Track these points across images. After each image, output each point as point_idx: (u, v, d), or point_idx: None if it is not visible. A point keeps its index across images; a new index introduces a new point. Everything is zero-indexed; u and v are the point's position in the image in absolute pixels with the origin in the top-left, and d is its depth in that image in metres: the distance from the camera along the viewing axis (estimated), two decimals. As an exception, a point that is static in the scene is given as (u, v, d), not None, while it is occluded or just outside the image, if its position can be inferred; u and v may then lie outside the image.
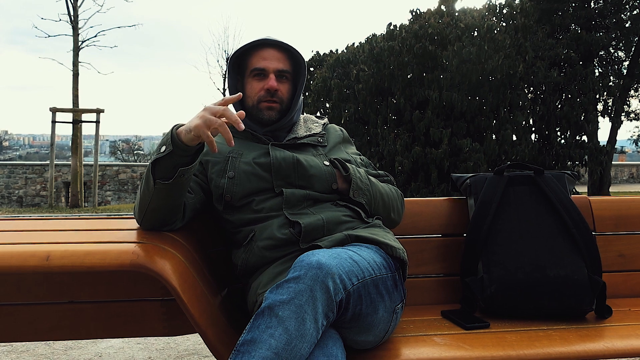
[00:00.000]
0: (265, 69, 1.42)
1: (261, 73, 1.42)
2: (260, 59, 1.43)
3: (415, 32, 7.69)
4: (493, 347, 1.26)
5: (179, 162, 1.18)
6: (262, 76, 1.43)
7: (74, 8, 11.87)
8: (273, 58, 1.43)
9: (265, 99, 1.42)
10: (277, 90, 1.42)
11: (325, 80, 8.61)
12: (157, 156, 1.18)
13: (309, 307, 0.95)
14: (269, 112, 1.43)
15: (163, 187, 1.19)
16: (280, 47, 1.44)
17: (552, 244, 1.50)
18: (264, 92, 1.42)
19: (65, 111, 11.55)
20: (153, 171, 1.19)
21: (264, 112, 1.43)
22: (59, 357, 2.25)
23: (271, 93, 1.41)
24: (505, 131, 7.40)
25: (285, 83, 1.45)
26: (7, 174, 15.26)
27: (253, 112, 1.45)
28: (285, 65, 1.44)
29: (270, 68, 1.42)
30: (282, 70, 1.43)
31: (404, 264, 1.31)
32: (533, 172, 1.62)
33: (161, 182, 1.18)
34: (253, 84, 1.44)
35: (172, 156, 1.16)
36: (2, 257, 1.10)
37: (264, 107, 1.43)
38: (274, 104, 1.43)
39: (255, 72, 1.43)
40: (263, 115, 1.43)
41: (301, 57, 1.47)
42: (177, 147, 1.15)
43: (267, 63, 1.42)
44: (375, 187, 1.43)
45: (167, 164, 1.18)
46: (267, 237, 1.30)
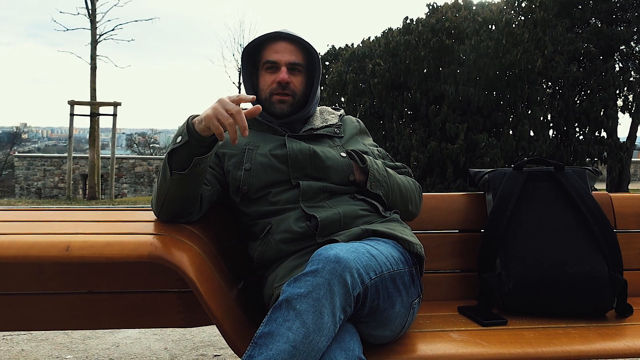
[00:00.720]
0: (277, 62, 1.42)
1: (273, 66, 1.42)
2: (272, 52, 1.43)
3: (432, 26, 7.62)
4: (511, 344, 1.25)
5: (195, 152, 1.18)
6: (274, 69, 1.43)
7: (92, 2, 11.97)
8: (285, 51, 1.43)
9: (277, 91, 1.42)
10: (289, 83, 1.42)
11: (341, 74, 8.58)
12: (173, 146, 1.18)
13: (326, 300, 0.95)
14: (280, 105, 1.43)
15: (179, 178, 1.19)
16: (293, 40, 1.44)
17: (573, 240, 1.48)
18: (275, 84, 1.42)
19: (83, 104, 11.68)
20: (170, 162, 1.19)
21: (275, 105, 1.43)
22: (77, 346, 2.29)
23: (282, 86, 1.41)
24: (523, 127, 7.32)
25: (297, 75, 1.44)
26: (26, 166, 15.51)
27: (266, 105, 1.45)
28: (298, 58, 1.44)
29: (282, 61, 1.42)
30: (294, 63, 1.43)
31: (421, 259, 1.30)
32: (553, 167, 1.59)
33: (177, 172, 1.19)
34: (265, 77, 1.44)
35: (187, 146, 1.17)
36: (22, 247, 1.12)
37: (275, 100, 1.43)
38: (286, 96, 1.43)
39: (267, 64, 1.43)
40: (275, 108, 1.43)
41: (314, 50, 1.46)
42: (192, 137, 1.16)
43: (279, 56, 1.42)
44: (392, 179, 1.42)
45: (183, 154, 1.18)
46: (284, 230, 1.29)
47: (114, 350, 2.25)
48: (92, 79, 11.98)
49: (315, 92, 1.49)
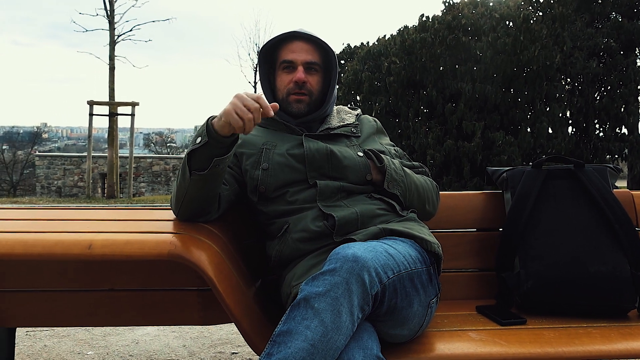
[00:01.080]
0: (294, 61, 1.43)
1: (290, 65, 1.43)
2: (289, 52, 1.44)
3: (449, 23, 7.56)
4: (530, 343, 1.24)
5: (214, 153, 1.19)
6: (290, 69, 1.44)
7: (111, 3, 12.13)
8: (302, 50, 1.43)
9: (294, 91, 1.43)
10: (306, 83, 1.42)
11: (356, 72, 8.56)
12: (192, 147, 1.20)
13: (344, 299, 0.96)
14: (297, 105, 1.44)
15: (199, 178, 1.20)
16: (309, 39, 1.45)
17: (593, 239, 1.46)
18: (292, 84, 1.43)
19: (101, 104, 11.85)
20: (189, 162, 1.21)
21: (292, 104, 1.44)
22: (97, 343, 2.32)
23: (299, 85, 1.42)
24: (541, 124, 7.22)
25: (314, 75, 1.45)
26: (46, 165, 15.77)
27: (283, 105, 1.46)
28: (314, 57, 1.44)
29: (299, 60, 1.43)
30: (310, 62, 1.43)
31: (438, 258, 1.29)
32: (573, 165, 1.57)
33: (197, 172, 1.20)
34: (282, 77, 1.45)
35: (207, 147, 1.18)
36: (47, 245, 1.14)
37: (292, 100, 1.44)
38: (303, 96, 1.43)
39: (284, 64, 1.44)
40: (292, 107, 1.44)
41: (330, 49, 1.46)
42: (212, 138, 1.17)
43: (296, 55, 1.43)
44: (410, 179, 1.41)
45: (203, 155, 1.19)
46: (301, 229, 1.30)
47: (134, 347, 2.29)
48: (110, 79, 12.15)
49: (332, 92, 1.49)
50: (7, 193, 21.46)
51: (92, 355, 2.18)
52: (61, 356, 2.17)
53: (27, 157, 24.61)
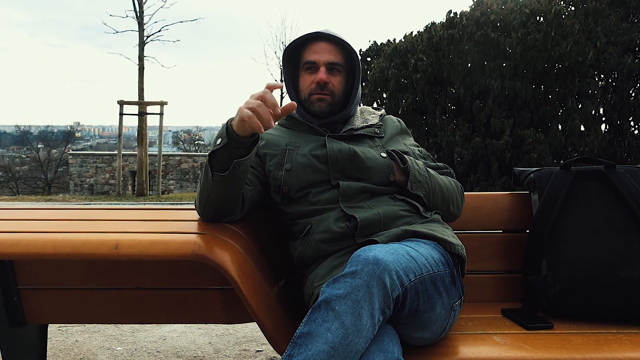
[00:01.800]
0: (316, 62, 1.43)
1: (312, 66, 1.44)
2: (311, 53, 1.44)
3: (477, 19, 7.44)
4: (557, 349, 1.21)
5: (235, 154, 1.19)
6: (313, 69, 1.44)
7: (140, 4, 12.36)
8: (324, 51, 1.44)
9: (316, 91, 1.43)
10: (328, 83, 1.43)
11: (383, 70, 8.50)
12: (213, 148, 1.21)
13: (365, 302, 0.95)
14: (319, 104, 1.44)
15: (221, 179, 1.21)
16: (332, 40, 1.45)
17: (624, 242, 1.41)
18: (314, 85, 1.43)
19: (131, 104, 12.09)
20: (210, 163, 1.22)
21: (315, 104, 1.44)
22: (126, 339, 2.38)
23: (321, 86, 1.42)
24: (573, 121, 7.04)
25: (337, 75, 1.45)
26: (79, 164, 16.21)
27: (306, 105, 1.47)
28: (337, 58, 1.44)
29: (321, 61, 1.43)
30: (333, 63, 1.43)
31: (462, 260, 1.28)
32: (603, 166, 1.53)
33: (218, 174, 1.21)
34: (305, 77, 1.46)
35: (227, 148, 1.18)
36: (75, 245, 1.17)
37: (314, 100, 1.44)
38: (325, 96, 1.44)
39: (307, 65, 1.45)
40: (314, 107, 1.45)
41: (353, 50, 1.46)
42: (231, 139, 1.17)
43: (318, 56, 1.43)
44: (434, 180, 1.40)
45: (224, 156, 1.20)
46: (323, 230, 1.30)
47: (161, 343, 2.33)
48: (140, 79, 12.39)
49: (356, 93, 1.49)
50: (42, 191, 22.14)
51: (121, 351, 2.23)
52: (91, 351, 2.22)
53: (61, 155, 25.33)
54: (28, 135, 30.95)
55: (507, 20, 7.34)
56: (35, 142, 29.78)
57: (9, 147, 41.43)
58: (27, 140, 29.56)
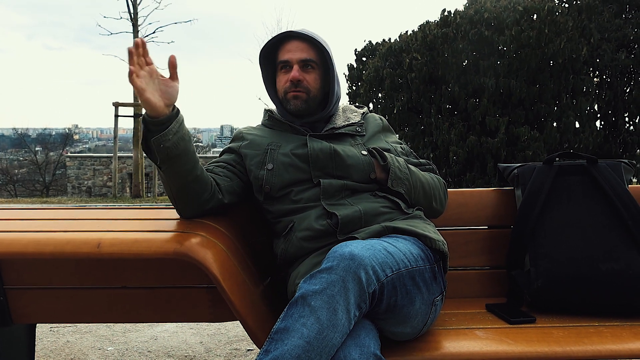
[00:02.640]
0: (289, 60, 1.45)
1: (286, 65, 1.46)
2: (285, 52, 1.46)
3: (471, 18, 7.46)
4: (538, 342, 1.22)
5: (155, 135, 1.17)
6: (287, 68, 1.46)
7: (134, 6, 12.36)
8: (296, 49, 1.45)
9: (290, 89, 1.45)
10: (301, 80, 1.44)
11: (378, 69, 8.51)
12: (141, 140, 1.21)
13: (340, 297, 0.96)
14: (294, 102, 1.45)
15: (165, 168, 1.22)
16: (303, 38, 1.46)
17: (606, 236, 1.43)
18: (288, 83, 1.45)
19: (127, 105, 12.08)
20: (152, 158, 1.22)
21: (290, 102, 1.46)
22: (118, 339, 2.38)
23: (294, 83, 1.44)
24: (568, 118, 7.06)
25: (311, 72, 1.46)
26: (77, 166, 16.19)
27: (283, 104, 1.48)
28: (310, 55, 1.45)
29: (294, 59, 1.45)
30: (305, 60, 1.45)
31: (444, 256, 1.29)
32: (585, 161, 1.54)
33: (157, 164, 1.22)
34: (280, 77, 1.48)
35: (149, 134, 1.18)
36: (58, 244, 1.18)
37: (290, 97, 1.46)
38: (300, 93, 1.45)
39: (281, 64, 1.47)
40: (290, 105, 1.46)
41: (324, 47, 1.46)
42: (145, 122, 1.18)
43: (291, 54, 1.45)
44: (415, 176, 1.41)
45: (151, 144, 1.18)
46: (305, 228, 1.31)
47: (152, 343, 2.34)
48: (135, 81, 12.35)
49: (334, 90, 1.49)
50: (40, 193, 22.12)
51: (112, 351, 2.24)
52: (82, 351, 2.23)
53: (58, 158, 25.30)
54: (26, 138, 30.93)
55: (501, 18, 7.35)
56: (33, 145, 29.75)
57: (7, 150, 41.39)
58: (25, 142, 29.54)
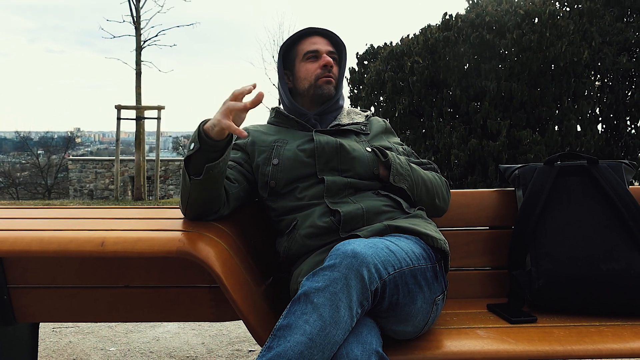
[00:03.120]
0: (318, 50, 1.52)
1: (314, 55, 1.51)
2: (310, 44, 1.53)
3: (472, 21, 7.47)
4: (539, 341, 1.23)
5: (209, 158, 1.20)
6: (314, 58, 1.52)
7: (137, 9, 12.39)
8: (322, 43, 1.54)
9: (323, 74, 1.50)
10: (332, 67, 1.51)
11: (379, 73, 8.53)
12: (187, 153, 1.22)
13: (343, 294, 0.97)
14: (328, 87, 1.51)
15: (197, 183, 1.23)
16: (325, 34, 1.55)
17: (607, 237, 1.43)
18: (320, 69, 1.50)
19: (129, 108, 12.10)
20: (187, 168, 1.23)
21: (323, 87, 1.50)
22: (120, 339, 2.39)
23: (328, 69, 1.50)
24: (569, 122, 7.06)
25: (335, 65, 1.54)
26: (79, 169, 16.22)
27: (310, 92, 1.51)
28: (333, 49, 1.55)
29: (323, 50, 1.52)
30: (332, 52, 1.54)
31: (445, 255, 1.29)
32: (586, 161, 1.54)
33: (195, 178, 1.22)
34: (307, 66, 1.52)
35: (201, 152, 1.20)
36: (62, 243, 1.19)
37: (322, 82, 1.50)
38: (331, 78, 1.51)
39: (308, 54, 1.52)
40: (323, 90, 1.50)
41: (342, 42, 1.57)
42: (204, 144, 1.19)
43: (318, 46, 1.52)
44: (416, 173, 1.43)
45: (198, 161, 1.21)
46: (308, 226, 1.32)
47: (154, 343, 2.34)
48: (137, 84, 12.40)
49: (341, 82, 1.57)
50: (42, 196, 22.16)
51: (114, 352, 2.25)
52: (85, 352, 2.24)
53: (60, 161, 25.36)
54: (28, 141, 30.99)
55: (502, 21, 7.37)
56: (35, 148, 29.82)
57: (9, 153, 41.48)
58: (27, 146, 29.61)
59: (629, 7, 8.15)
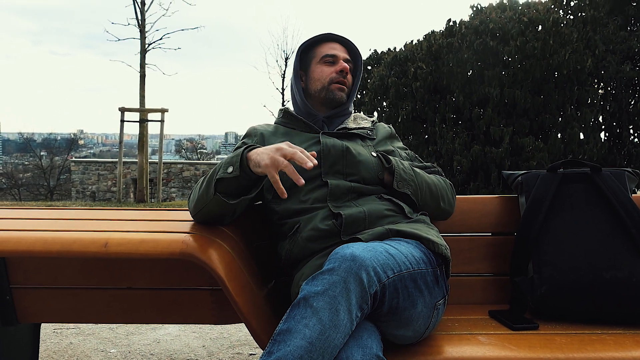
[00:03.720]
0: (337, 56, 1.55)
1: (332, 59, 1.54)
2: (329, 48, 1.56)
3: (476, 28, 7.50)
4: (540, 348, 1.22)
5: (242, 184, 1.23)
6: (331, 63, 1.54)
7: (142, 13, 12.44)
8: (340, 50, 1.57)
9: (337, 79, 1.53)
10: (348, 74, 1.54)
11: (383, 78, 8.55)
12: (223, 175, 1.21)
13: (342, 298, 0.97)
14: (340, 93, 1.53)
15: (222, 201, 1.23)
16: (344, 43, 1.59)
17: (609, 244, 1.43)
18: (336, 74, 1.53)
19: (132, 111, 12.14)
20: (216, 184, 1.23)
21: (335, 92, 1.53)
22: (120, 341, 2.39)
23: (344, 74, 1.53)
24: (572, 129, 7.06)
25: (349, 74, 1.57)
26: (81, 171, 16.26)
27: (322, 95, 1.54)
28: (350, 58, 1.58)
29: (341, 56, 1.55)
30: (349, 61, 1.57)
31: (446, 260, 1.29)
32: (589, 169, 1.54)
33: (221, 196, 1.22)
34: (324, 69, 1.54)
35: (237, 179, 1.21)
36: (66, 243, 1.19)
37: (335, 88, 1.53)
38: (345, 86, 1.54)
39: (326, 57, 1.54)
40: (334, 95, 1.53)
41: (359, 53, 1.60)
42: (244, 172, 1.20)
43: (338, 52, 1.56)
44: (420, 177, 1.43)
45: (231, 184, 1.22)
46: (311, 229, 1.33)
47: (155, 346, 2.34)
48: (141, 87, 12.43)
49: (354, 92, 1.60)
50: (45, 198, 22.21)
51: (115, 353, 2.25)
52: (85, 353, 2.24)
53: (63, 162, 25.43)
54: (31, 143, 31.11)
55: (506, 28, 7.38)
56: (38, 150, 29.92)
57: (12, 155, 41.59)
58: (30, 147, 29.72)
59: (632, 15, 8.17)
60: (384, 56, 9.77)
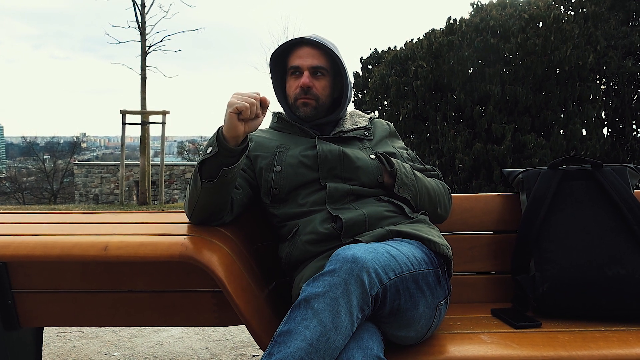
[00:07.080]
0: (300, 67, 1.45)
1: (297, 71, 1.46)
2: (296, 58, 1.46)
3: (476, 25, 7.47)
4: (543, 346, 1.22)
5: (224, 163, 1.22)
6: (297, 74, 1.47)
7: (142, 15, 12.46)
8: (308, 55, 1.45)
9: (300, 96, 1.46)
10: (311, 87, 1.45)
11: (384, 77, 8.53)
12: (203, 157, 1.23)
13: (343, 300, 0.97)
14: (304, 109, 1.46)
15: (209, 187, 1.23)
16: (315, 44, 1.46)
17: (612, 241, 1.42)
18: (298, 89, 1.45)
19: (133, 113, 12.15)
20: (200, 171, 1.24)
21: (300, 109, 1.47)
22: (124, 344, 2.39)
23: (304, 90, 1.44)
24: (574, 126, 7.03)
25: (321, 79, 1.47)
26: (84, 174, 16.29)
27: (292, 109, 1.50)
28: (321, 62, 1.46)
29: (305, 65, 1.45)
30: (316, 67, 1.45)
31: (448, 260, 1.29)
32: (591, 165, 1.54)
33: (207, 182, 1.23)
34: (290, 82, 1.49)
35: (217, 157, 1.21)
36: (65, 247, 1.19)
37: (299, 104, 1.47)
38: (309, 100, 1.46)
39: (291, 70, 1.47)
40: (299, 112, 1.47)
41: (335, 54, 1.46)
42: (222, 148, 1.20)
43: (302, 61, 1.45)
44: (420, 182, 1.41)
45: (213, 165, 1.22)
46: (310, 232, 1.32)
47: (158, 348, 2.34)
48: (142, 89, 12.45)
49: (346, 96, 1.50)
50: (48, 201, 22.25)
51: (118, 356, 2.25)
52: (89, 356, 2.24)
53: (66, 166, 25.48)
54: (34, 146, 31.19)
55: (507, 25, 7.36)
56: (41, 153, 29.99)
57: (15, 158, 41.72)
58: (33, 151, 29.80)
59: (634, 10, 8.13)
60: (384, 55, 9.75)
